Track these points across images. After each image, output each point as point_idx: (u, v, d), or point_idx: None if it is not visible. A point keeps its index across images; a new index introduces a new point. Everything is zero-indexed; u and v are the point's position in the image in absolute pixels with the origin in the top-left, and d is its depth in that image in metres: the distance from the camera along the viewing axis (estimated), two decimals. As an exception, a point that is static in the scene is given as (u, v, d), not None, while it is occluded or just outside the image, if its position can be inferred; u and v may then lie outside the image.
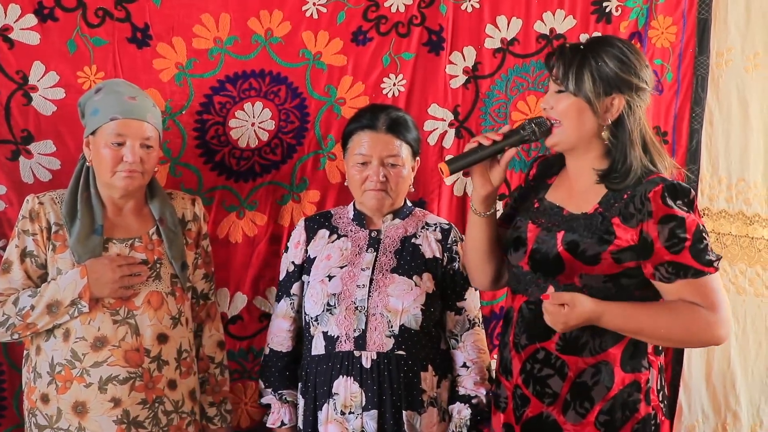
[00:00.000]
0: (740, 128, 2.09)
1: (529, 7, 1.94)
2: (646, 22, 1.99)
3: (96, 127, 1.50)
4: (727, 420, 2.15)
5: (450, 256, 1.63)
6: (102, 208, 1.54)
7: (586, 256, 1.31)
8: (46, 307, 1.47)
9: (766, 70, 2.09)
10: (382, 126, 1.57)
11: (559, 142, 1.37)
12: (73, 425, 1.49)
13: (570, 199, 1.39)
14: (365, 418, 1.51)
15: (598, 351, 1.34)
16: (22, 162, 1.70)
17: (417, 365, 1.55)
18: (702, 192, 2.08)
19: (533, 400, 1.38)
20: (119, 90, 1.53)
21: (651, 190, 1.27)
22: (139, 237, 1.57)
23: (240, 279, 1.86)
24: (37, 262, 1.52)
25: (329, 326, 1.55)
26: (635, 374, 1.34)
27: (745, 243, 2.14)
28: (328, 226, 1.66)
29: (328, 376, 1.53)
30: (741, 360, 2.14)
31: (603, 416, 1.33)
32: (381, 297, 1.55)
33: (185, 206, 1.65)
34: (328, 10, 1.82)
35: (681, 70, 2.03)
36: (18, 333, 1.49)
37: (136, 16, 1.72)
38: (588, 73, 1.31)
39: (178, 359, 1.57)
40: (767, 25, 2.07)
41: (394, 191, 1.59)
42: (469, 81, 1.94)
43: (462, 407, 1.58)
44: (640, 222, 1.28)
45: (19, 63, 1.67)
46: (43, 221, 1.52)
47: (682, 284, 1.27)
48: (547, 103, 1.37)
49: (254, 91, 1.81)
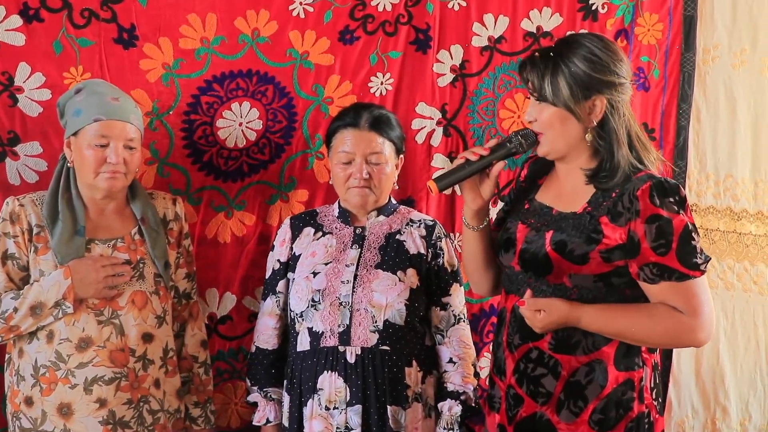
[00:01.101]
0: (727, 124, 2.10)
1: (516, 5, 1.93)
2: (632, 19, 1.99)
3: (78, 128, 1.48)
4: (717, 415, 2.18)
5: (434, 252, 1.63)
6: (84, 209, 1.52)
7: (574, 255, 1.29)
8: (30, 308, 1.45)
9: (752, 67, 2.11)
10: (365, 124, 1.57)
11: (550, 152, 1.35)
12: (58, 427, 1.47)
13: (559, 199, 1.38)
14: (349, 414, 1.50)
15: (591, 350, 1.32)
16: (9, 164, 1.68)
17: (401, 360, 1.55)
18: (690, 188, 2.09)
19: (527, 400, 1.36)
20: (101, 91, 1.52)
21: (639, 188, 1.26)
22: (121, 237, 1.56)
23: (229, 279, 1.85)
24: (18, 265, 1.51)
25: (314, 322, 1.54)
26: (629, 372, 1.33)
27: (733, 238, 2.15)
28: (313, 223, 1.66)
29: (313, 371, 1.53)
30: (730, 355, 2.16)
31: (597, 415, 1.32)
32: (365, 292, 1.54)
33: (166, 206, 1.63)
34: (315, 9, 1.80)
35: (668, 67, 2.03)
36: (1, 336, 1.48)
37: (122, 17, 1.69)
38: (563, 80, 1.28)
39: (163, 358, 1.56)
40: (753, 22, 2.08)
41: (377, 188, 1.58)
42: (457, 79, 1.93)
43: (453, 404, 1.58)
44: (628, 221, 1.26)
45: (5, 64, 1.65)
46: (24, 223, 1.50)
47: (666, 286, 1.26)
48: (531, 115, 1.36)
49: (241, 91, 1.79)
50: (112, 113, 1.47)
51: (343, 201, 1.64)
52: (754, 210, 2.14)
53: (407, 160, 1.89)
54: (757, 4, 2.08)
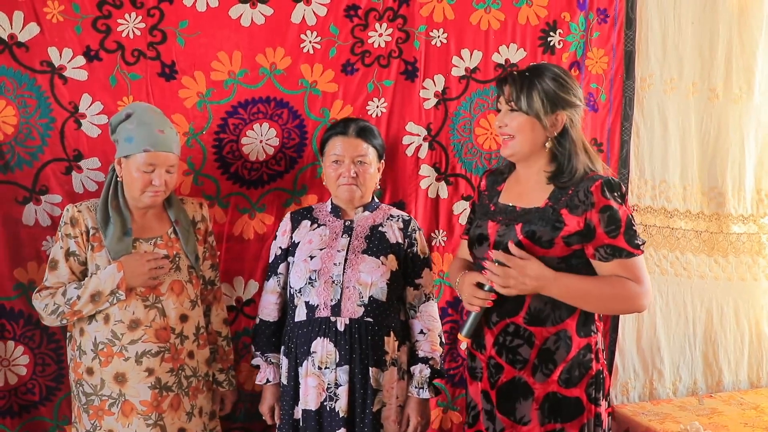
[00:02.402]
0: (661, 139, 2.13)
1: (488, 41, 1.95)
2: (583, 53, 2.02)
3: (129, 154, 1.50)
4: (654, 377, 2.19)
5: (410, 242, 1.64)
6: (130, 214, 1.55)
7: (543, 241, 1.32)
8: (90, 296, 1.49)
9: (680, 92, 2.14)
10: (352, 132, 1.59)
11: (515, 153, 1.38)
12: (114, 392, 1.52)
13: (521, 198, 1.40)
14: (338, 372, 1.52)
15: (558, 321, 1.35)
16: (74, 176, 1.72)
17: (382, 330, 1.56)
18: (631, 191, 2.10)
19: (507, 367, 1.38)
20: (149, 122, 1.52)
21: (593, 185, 1.29)
22: (160, 236, 1.58)
23: (252, 269, 1.86)
24: (78, 260, 1.54)
25: (310, 296, 1.55)
26: (588, 338, 1.36)
27: (667, 233, 2.18)
28: (309, 217, 1.66)
29: (308, 338, 1.54)
30: (664, 328, 2.18)
31: (564, 375, 1.35)
32: (354, 273, 1.56)
33: (195, 209, 1.65)
34: (322, 46, 1.83)
35: (612, 92, 2.06)
36: (66, 319, 1.51)
37: (164, 55, 1.73)
38: (536, 94, 1.32)
39: (196, 334, 1.59)
40: (680, 56, 2.11)
41: (363, 185, 1.60)
42: (440, 103, 1.95)
43: (423, 367, 1.60)
44: (584, 211, 1.30)
45: (71, 95, 1.69)
46: (82, 226, 1.53)
47: (616, 263, 1.30)
48: (502, 121, 1.37)
49: (261, 114, 1.82)
50: (158, 145, 1.49)
51: (334, 198, 1.65)
52: (684, 209, 2.16)
53: (399, 169, 1.94)
54: (682, 42, 2.08)
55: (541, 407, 1.37)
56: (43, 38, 1.65)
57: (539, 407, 1.37)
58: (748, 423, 1.94)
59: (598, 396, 1.38)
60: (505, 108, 1.37)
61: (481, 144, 2.00)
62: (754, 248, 2.24)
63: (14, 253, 1.69)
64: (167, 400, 1.55)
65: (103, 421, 1.53)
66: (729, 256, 2.22)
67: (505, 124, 1.37)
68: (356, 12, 1.85)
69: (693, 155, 2.16)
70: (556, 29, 1.99)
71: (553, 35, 1.99)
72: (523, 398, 1.37)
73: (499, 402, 1.40)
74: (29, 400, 1.75)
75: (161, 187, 1.51)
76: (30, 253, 1.71)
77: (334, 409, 1.53)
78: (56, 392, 1.76)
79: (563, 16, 1.99)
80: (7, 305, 1.71)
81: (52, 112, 1.69)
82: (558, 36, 2.00)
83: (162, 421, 1.54)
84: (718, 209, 2.21)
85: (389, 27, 1.88)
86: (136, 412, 1.53)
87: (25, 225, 1.70)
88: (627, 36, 2.05)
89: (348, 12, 1.84)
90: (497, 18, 1.95)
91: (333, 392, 1.54)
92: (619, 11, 2.03)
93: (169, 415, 1.55)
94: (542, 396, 1.36)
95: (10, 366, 1.73)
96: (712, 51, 2.13)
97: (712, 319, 2.22)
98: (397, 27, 1.89)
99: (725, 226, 2.21)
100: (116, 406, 1.53)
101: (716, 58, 2.13)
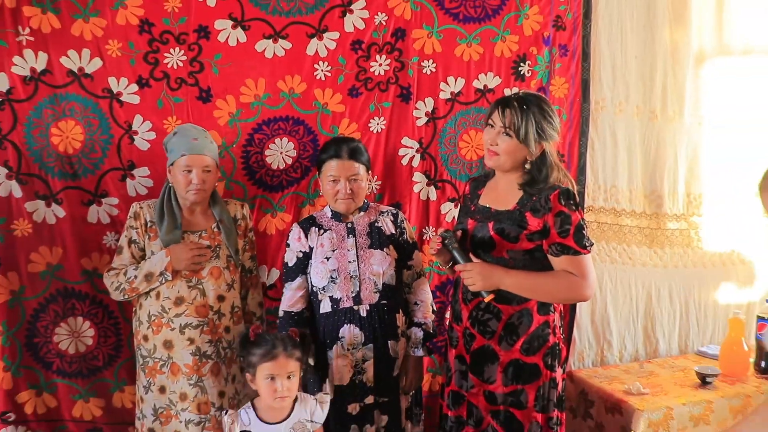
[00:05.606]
0: (611, 152, 2.13)
1: (470, 70, 1.96)
2: (548, 81, 2.04)
3: (173, 160, 1.55)
4: (604, 347, 2.21)
5: (400, 231, 1.64)
6: (180, 212, 1.58)
7: (510, 237, 1.35)
8: (144, 276, 1.53)
9: (627, 113, 2.14)
10: (345, 155, 1.56)
11: (498, 167, 1.40)
12: (164, 355, 1.56)
13: (496, 201, 1.42)
14: (364, 350, 1.55)
15: (522, 302, 1.37)
16: (128, 182, 1.76)
17: (394, 310, 1.59)
18: (588, 195, 2.11)
19: (478, 337, 1.40)
20: (187, 134, 1.56)
21: (552, 194, 1.32)
22: (205, 230, 1.61)
23: (274, 259, 1.87)
24: (138, 247, 1.58)
25: (334, 291, 1.55)
26: (546, 316, 1.38)
27: (616, 228, 2.19)
28: (314, 224, 1.63)
29: (335, 325, 1.54)
30: (613, 307, 2.20)
31: (525, 345, 1.37)
32: (367, 266, 1.57)
33: (236, 209, 1.67)
34: (332, 74, 1.85)
35: (572, 113, 2.07)
36: (127, 294, 1.56)
37: (202, 82, 1.76)
38: (531, 128, 1.32)
39: (231, 312, 1.61)
40: (626, 84, 2.11)
41: (357, 197, 1.59)
42: (430, 121, 1.96)
43: (417, 330, 1.62)
44: (544, 215, 1.32)
45: (127, 116, 1.73)
46: (142, 220, 1.58)
47: (565, 258, 1.32)
48: (494, 141, 1.36)
49: (282, 131, 1.84)
50: (192, 150, 1.53)
51: (332, 206, 1.63)
52: (629, 209, 2.18)
53: (396, 176, 1.94)
54: (628, 72, 2.09)
55: (505, 371, 1.39)
56: (104, 70, 1.70)
57: (503, 371, 1.39)
58: (677, 382, 1.97)
59: (554, 364, 1.40)
60: (498, 128, 1.36)
61: (464, 155, 2.02)
62: (685, 241, 2.27)
63: (81, 245, 1.74)
64: (207, 365, 1.58)
65: (156, 378, 1.58)
66: (665, 248, 2.24)
67: (496, 144, 1.36)
68: (360, 46, 1.87)
69: (637, 165, 2.18)
70: (526, 61, 2.01)
71: (523, 65, 2.01)
72: (491, 363, 1.40)
73: (471, 365, 1.43)
74: (95, 365, 1.80)
75: (200, 185, 1.52)
76: (93, 245, 1.75)
77: (362, 380, 1.55)
78: (116, 359, 1.81)
79: (531, 50, 2.01)
80: (76, 288, 1.77)
81: (110, 130, 1.73)
82: (527, 66, 2.02)
83: (202, 382, 1.57)
84: (657, 209, 2.22)
85: (388, 58, 1.90)
86: (181, 372, 1.56)
87: (90, 222, 1.75)
88: (584, 67, 2.07)
89: (353, 46, 1.87)
90: (477, 51, 1.97)
91: (360, 367, 1.55)
92: (577, 46, 2.04)
93: (209, 378, 1.58)
94: (506, 362, 1.39)
95: (80, 337, 1.79)
96: (652, 80, 2.14)
97: (651, 299, 2.24)
98: (394, 58, 1.91)
99: (662, 223, 2.23)
100: (166, 367, 1.57)
101: (655, 86, 2.14)
